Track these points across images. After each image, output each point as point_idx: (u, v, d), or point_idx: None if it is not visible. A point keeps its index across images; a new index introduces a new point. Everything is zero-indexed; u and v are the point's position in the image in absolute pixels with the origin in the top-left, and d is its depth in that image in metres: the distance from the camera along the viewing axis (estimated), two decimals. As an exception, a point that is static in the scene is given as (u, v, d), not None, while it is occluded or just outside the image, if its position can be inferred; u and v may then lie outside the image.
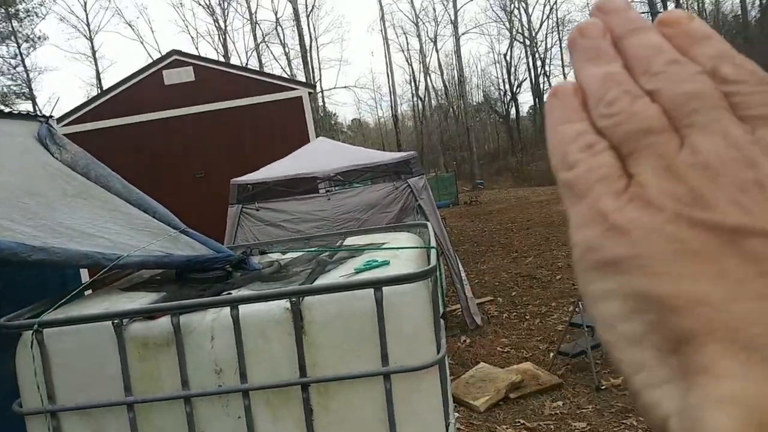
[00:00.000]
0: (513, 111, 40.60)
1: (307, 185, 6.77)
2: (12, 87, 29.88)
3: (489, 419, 4.28)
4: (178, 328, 1.69)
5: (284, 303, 1.70)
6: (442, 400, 1.82)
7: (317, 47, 39.70)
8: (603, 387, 4.48)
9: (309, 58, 33.74)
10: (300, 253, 2.39)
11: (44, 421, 1.73)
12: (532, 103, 42.58)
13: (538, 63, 39.21)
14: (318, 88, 34.87)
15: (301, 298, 1.69)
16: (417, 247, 2.15)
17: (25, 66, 29.93)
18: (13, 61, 29.28)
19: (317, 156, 6.75)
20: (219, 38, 37.21)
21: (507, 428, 4.08)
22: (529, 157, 35.06)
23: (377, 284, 1.65)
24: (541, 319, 6.47)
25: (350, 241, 2.59)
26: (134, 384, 1.72)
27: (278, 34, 36.89)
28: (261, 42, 36.34)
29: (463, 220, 17.07)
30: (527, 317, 6.62)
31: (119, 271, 2.50)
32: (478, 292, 7.89)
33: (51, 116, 3.19)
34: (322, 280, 1.91)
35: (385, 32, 37.75)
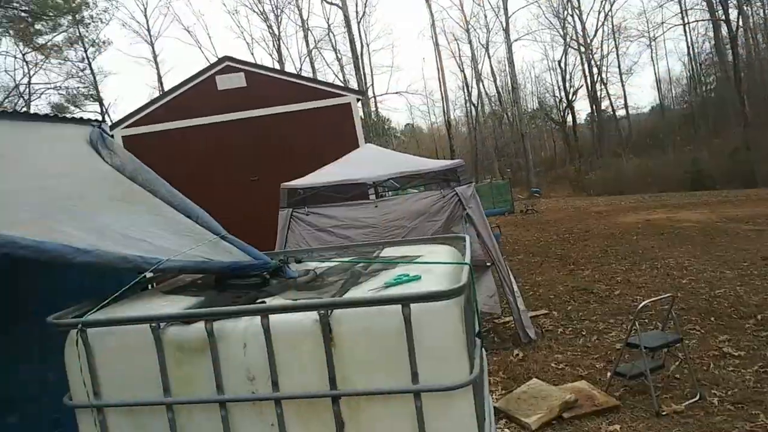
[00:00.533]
0: (569, 118, 39.57)
1: (356, 191, 6.78)
2: (80, 89, 31.68)
3: (539, 438, 4.12)
4: (211, 334, 1.69)
5: (314, 314, 1.67)
6: (476, 420, 1.74)
7: (369, 53, 40.10)
8: (664, 413, 4.24)
9: (360, 64, 34.11)
10: (336, 263, 2.36)
11: (92, 414, 1.77)
12: (588, 110, 41.47)
13: (594, 70, 38.12)
14: (370, 94, 35.13)
15: (329, 311, 1.66)
16: (451, 263, 2.09)
17: (91, 69, 31.71)
18: (80, 65, 31.04)
19: (364, 162, 6.77)
20: (273, 44, 38.19)
21: (558, 449, 3.92)
22: (587, 166, 34.08)
23: (404, 301, 1.60)
24: (598, 336, 6.22)
25: (387, 252, 2.55)
26: (173, 385, 1.74)
27: (330, 40, 37.51)
28: (313, 48, 37.02)
29: (519, 229, 16.73)
30: (583, 333, 6.38)
31: (163, 274, 2.55)
32: (533, 305, 7.68)
33: (103, 121, 3.31)
34: (353, 293, 1.88)
35: (436, 39, 37.68)
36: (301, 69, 36.56)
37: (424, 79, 47.57)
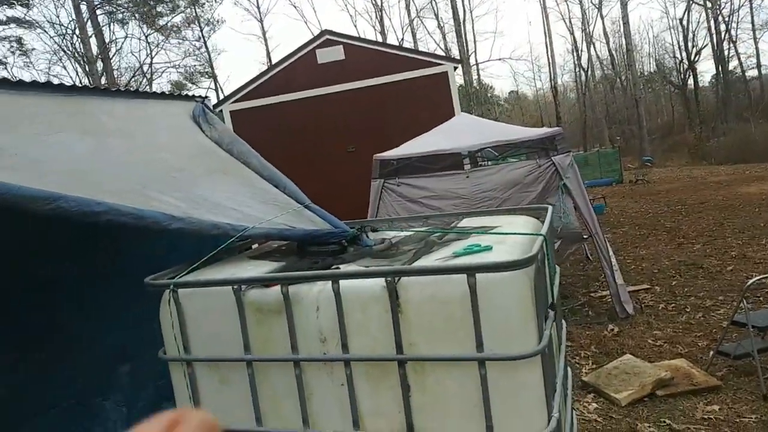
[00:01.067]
0: (691, 81, 36.33)
1: (449, 161, 6.75)
2: (197, 67, 33.66)
3: (630, 414, 3.99)
4: (287, 297, 1.82)
5: (382, 281, 1.74)
6: (544, 392, 1.74)
7: (471, 19, 38.99)
8: (772, 395, 3.94)
9: (463, 31, 33.26)
10: (411, 232, 2.41)
11: (181, 367, 1.97)
12: (714, 71, 37.85)
13: (722, 27, 34.49)
14: (472, 61, 34.29)
15: (396, 278, 1.72)
16: (525, 234, 2.06)
17: (207, 47, 33.49)
18: (196, 44, 32.89)
19: (458, 132, 6.70)
20: (375, 15, 38.19)
21: (649, 426, 3.78)
22: (708, 133, 31.31)
23: (470, 270, 1.62)
24: (704, 314, 5.83)
25: (466, 222, 2.56)
26: (252, 344, 1.89)
27: (432, 8, 36.86)
28: (415, 17, 36.60)
29: (626, 200, 15.84)
30: (687, 310, 6.01)
31: (251, 240, 2.74)
32: (633, 279, 7.33)
33: (206, 96, 3.54)
34: (423, 261, 1.92)
35: (544, 1, 35.78)
36: (402, 40, 36.40)
37: (530, 43, 46.10)
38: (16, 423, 2.54)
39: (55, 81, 2.91)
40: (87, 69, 25.36)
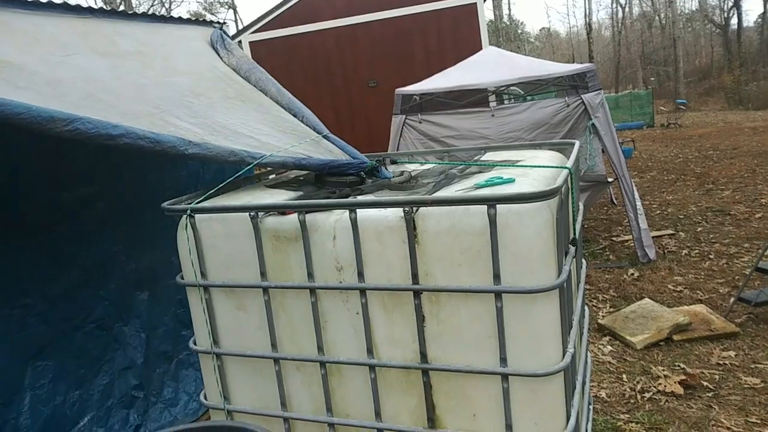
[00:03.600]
0: (734, 20, 34.41)
1: (473, 98, 6.54)
2: (216, -3, 32.88)
3: (645, 358, 4.00)
4: (304, 225, 1.80)
5: (399, 211, 1.71)
6: (560, 325, 1.72)
7: (507, -50, 37.15)
8: (790, 343, 3.90)
9: (496, -38, 31.75)
10: (431, 166, 2.35)
11: (198, 293, 1.99)
12: (761, 10, 35.77)
13: (777, -41, 32.31)
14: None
15: (414, 208, 1.68)
16: (548, 167, 1.99)
17: (226, -24, 32.54)
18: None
19: (484, 67, 6.46)
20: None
21: (663, 370, 3.79)
22: (748, 76, 29.94)
23: (490, 201, 1.57)
24: (728, 261, 5.73)
25: (488, 157, 2.49)
26: (269, 271, 1.90)
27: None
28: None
29: (656, 144, 15.41)
30: (711, 256, 5.91)
31: (270, 170, 2.71)
32: (658, 225, 7.21)
33: (224, 22, 3.43)
34: (443, 193, 1.87)
35: (585, -71, 33.78)
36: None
37: (564, -24, 43.56)
38: (42, 344, 2.64)
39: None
40: (105, -2, 24.99)
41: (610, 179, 6.32)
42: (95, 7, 3.27)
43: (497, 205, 1.59)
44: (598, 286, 5.40)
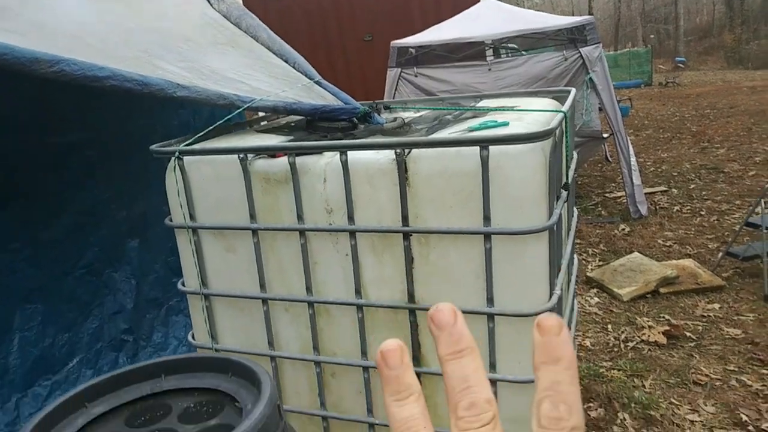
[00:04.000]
0: (740, -24, 33.69)
1: (470, 51, 6.44)
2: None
3: (631, 309, 4.09)
4: (294, 167, 1.79)
5: (391, 154, 1.70)
6: (548, 269, 1.75)
7: None
8: (774, 297, 3.98)
9: None
10: (425, 113, 2.33)
11: (187, 235, 2.00)
12: (768, -35, 34.96)
13: None
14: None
15: (406, 150, 1.67)
16: (545, 110, 1.97)
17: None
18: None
19: (482, 19, 6.33)
20: None
21: (648, 321, 3.87)
22: (749, 35, 29.51)
23: (483, 142, 1.57)
24: (719, 217, 5.79)
25: (484, 103, 2.47)
26: (258, 214, 1.90)
27: None
28: None
29: (653, 102, 15.32)
30: (702, 213, 5.96)
31: (262, 117, 2.69)
32: (651, 181, 7.24)
33: (214, -33, 3.33)
34: (435, 135, 1.87)
35: None
36: None
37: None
38: (32, 288, 2.66)
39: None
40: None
41: (605, 135, 6.30)
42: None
43: (490, 147, 1.58)
44: (589, 241, 5.45)
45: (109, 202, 3.05)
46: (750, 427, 2.76)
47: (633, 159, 5.90)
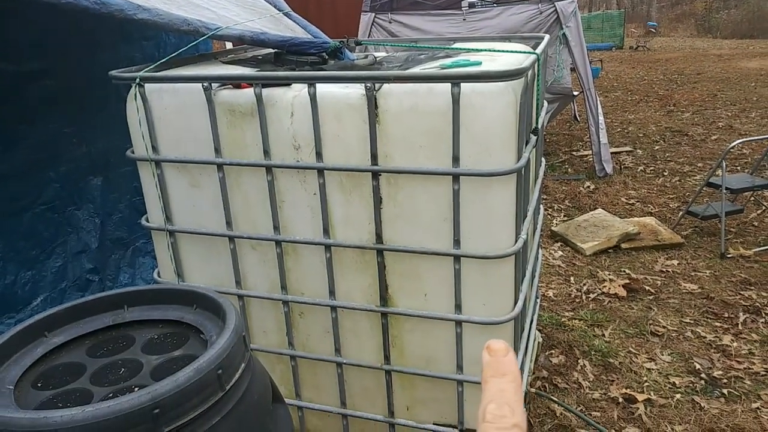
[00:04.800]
0: (716, -59, 33.59)
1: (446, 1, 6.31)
2: None
3: (593, 263, 4.18)
4: (260, 99, 1.73)
5: (361, 89, 1.65)
6: (515, 211, 1.75)
7: None
8: (729, 255, 4.12)
9: None
10: (398, 54, 2.27)
11: (150, 168, 1.93)
12: (744, -68, 34.92)
13: None
14: None
15: (376, 85, 1.62)
16: (518, 52, 1.94)
17: None
18: None
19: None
20: None
21: (609, 275, 3.97)
22: (720, 4, 29.70)
23: (455, 79, 1.53)
24: (681, 178, 5.92)
25: (458, 45, 2.41)
26: (223, 148, 1.84)
27: None
28: None
29: (623, 65, 15.39)
30: (665, 173, 6.09)
31: (229, 50, 2.58)
32: (617, 142, 7.33)
33: None
34: (407, 71, 1.82)
35: None
36: None
37: None
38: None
39: None
40: None
41: (575, 93, 6.31)
42: None
43: (461, 84, 1.55)
44: (555, 197, 5.52)
45: (69, 136, 2.91)
46: (703, 375, 2.89)
47: (601, 118, 5.95)
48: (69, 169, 2.91)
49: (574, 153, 6.85)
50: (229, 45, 4.19)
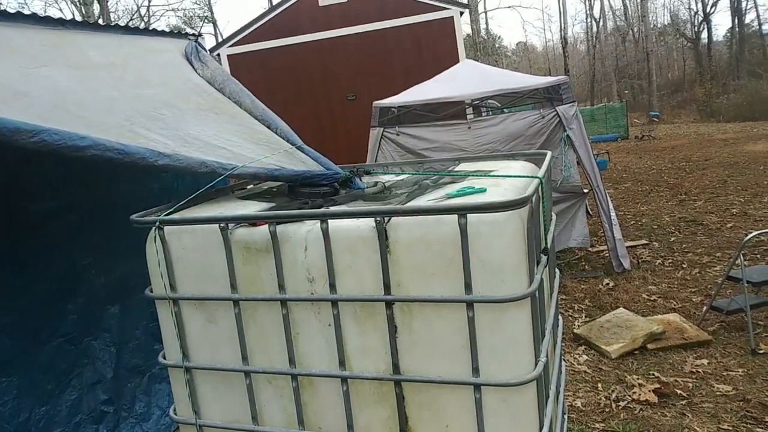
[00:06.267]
0: (704, 35, 35.33)
1: (451, 110, 6.60)
2: (196, 10, 32.93)
3: (620, 367, 4.04)
4: (275, 236, 1.78)
5: (372, 222, 1.70)
6: (532, 334, 1.73)
7: (483, -37, 37.55)
8: (761, 351, 3.98)
9: (471, -24, 32.17)
10: (405, 176, 2.36)
11: (168, 306, 1.96)
12: (729, 24, 36.74)
13: (742, -24, 33.37)
14: (480, 9, 33.31)
15: (386, 218, 1.68)
16: (521, 176, 2.00)
17: (206, -9, 32.55)
18: (196, -12, 32.06)
19: (461, 79, 6.52)
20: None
21: (638, 379, 3.83)
22: (719, 89, 30.68)
23: (461, 211, 1.58)
24: (701, 270, 5.84)
25: (462, 167, 2.50)
26: (239, 283, 1.87)
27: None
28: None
29: (630, 156, 15.69)
30: (684, 266, 6.02)
31: (245, 182, 2.69)
32: (632, 235, 7.32)
33: (200, 34, 3.42)
34: (415, 203, 1.88)
35: (560, -54, 34.54)
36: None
37: (541, -10, 44.23)
38: (6, 359, 2.57)
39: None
40: (83, 11, 24.73)
41: (585, 190, 6.40)
42: (67, 18, 3.23)
43: (468, 215, 1.59)
44: (574, 296, 5.45)
45: (88, 267, 3.00)
46: (748, 490, 2.70)
47: (613, 213, 5.99)
48: (87, 299, 2.97)
49: (589, 249, 6.83)
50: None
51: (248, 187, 2.58)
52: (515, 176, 2.01)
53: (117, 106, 2.34)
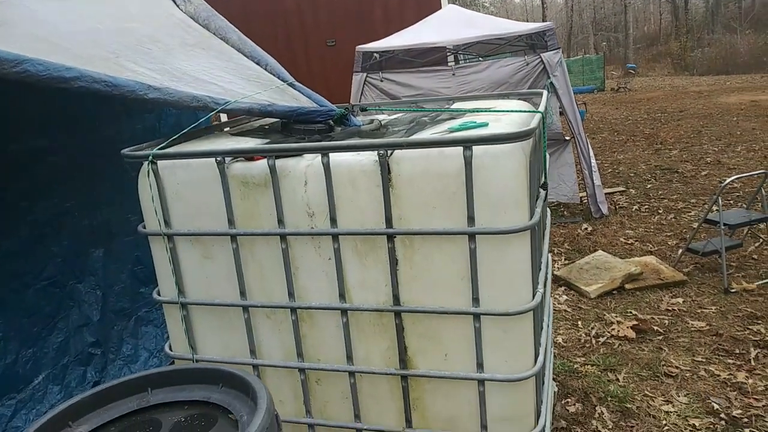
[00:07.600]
0: (684, -14, 35.12)
1: (434, 56, 6.50)
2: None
3: (598, 306, 4.18)
4: (274, 170, 1.76)
5: (374, 155, 1.69)
6: (530, 266, 1.76)
7: None
8: (733, 290, 4.14)
9: None
10: (399, 115, 2.33)
11: (162, 242, 1.93)
12: (709, -24, 36.56)
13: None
14: (460, -44, 32.46)
15: (389, 152, 1.66)
16: (522, 111, 2.00)
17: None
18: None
19: (445, 25, 6.40)
20: None
21: (616, 317, 3.96)
22: (694, 43, 30.77)
23: (466, 143, 1.57)
24: (676, 215, 6.00)
25: (457, 105, 2.48)
26: (237, 219, 1.85)
27: None
28: None
29: (606, 107, 15.78)
30: (660, 211, 6.16)
31: (234, 120, 2.63)
32: (610, 182, 7.45)
33: (179, -32, 3.26)
34: (416, 137, 1.86)
35: None
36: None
37: (518, -62, 43.27)
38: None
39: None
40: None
41: (567, 137, 6.45)
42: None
43: (473, 147, 1.59)
44: (554, 241, 5.56)
45: (72, 210, 2.93)
46: (722, 415, 2.85)
47: (593, 161, 6.06)
48: (72, 242, 2.91)
49: (569, 196, 6.93)
50: (224, 117, 4.27)
51: (237, 126, 2.52)
52: (518, 111, 2.00)
53: (101, 38, 2.23)
